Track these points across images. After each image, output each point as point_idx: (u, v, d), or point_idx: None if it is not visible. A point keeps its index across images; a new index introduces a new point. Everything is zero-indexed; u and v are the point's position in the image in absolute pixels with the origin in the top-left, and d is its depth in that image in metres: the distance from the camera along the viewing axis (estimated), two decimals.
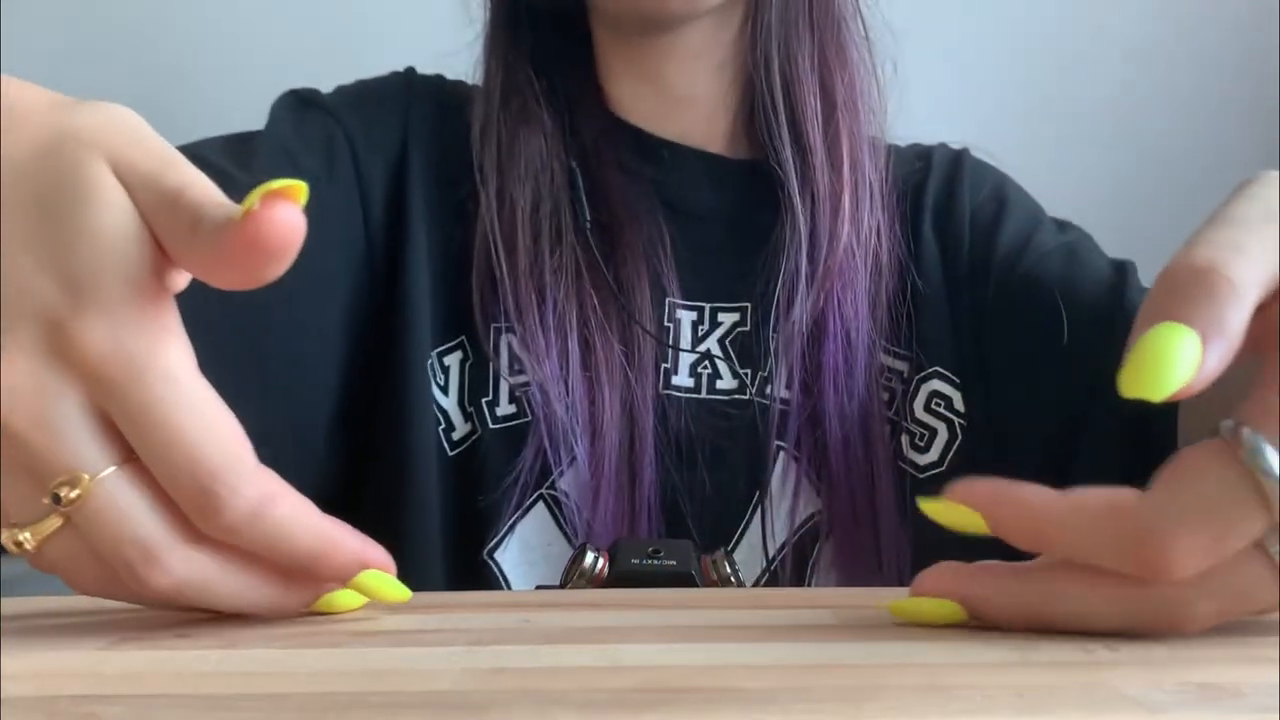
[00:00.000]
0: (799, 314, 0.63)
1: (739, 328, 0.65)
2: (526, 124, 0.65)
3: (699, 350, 0.64)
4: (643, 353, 0.62)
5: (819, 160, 0.65)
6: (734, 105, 0.69)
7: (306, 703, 0.21)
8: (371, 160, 0.65)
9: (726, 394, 0.64)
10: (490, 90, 0.67)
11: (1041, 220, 0.69)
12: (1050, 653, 0.25)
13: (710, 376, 0.64)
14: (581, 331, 0.61)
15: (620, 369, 0.61)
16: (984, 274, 0.66)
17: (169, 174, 0.29)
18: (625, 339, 0.62)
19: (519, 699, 0.21)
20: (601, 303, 0.62)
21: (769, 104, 0.66)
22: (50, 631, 0.30)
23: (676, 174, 0.68)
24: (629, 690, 0.22)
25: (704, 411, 0.63)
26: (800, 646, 0.27)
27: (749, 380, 0.64)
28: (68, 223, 0.28)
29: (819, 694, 0.21)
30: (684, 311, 0.65)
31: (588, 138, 0.67)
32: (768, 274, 0.65)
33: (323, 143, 0.63)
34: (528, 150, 0.65)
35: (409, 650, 0.26)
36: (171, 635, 0.29)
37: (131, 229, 0.29)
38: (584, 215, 0.64)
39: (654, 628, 0.29)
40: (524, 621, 0.31)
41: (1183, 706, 0.20)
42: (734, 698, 0.21)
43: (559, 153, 0.65)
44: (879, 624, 0.30)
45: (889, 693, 0.22)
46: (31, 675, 0.24)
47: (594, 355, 0.61)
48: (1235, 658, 0.25)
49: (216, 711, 0.21)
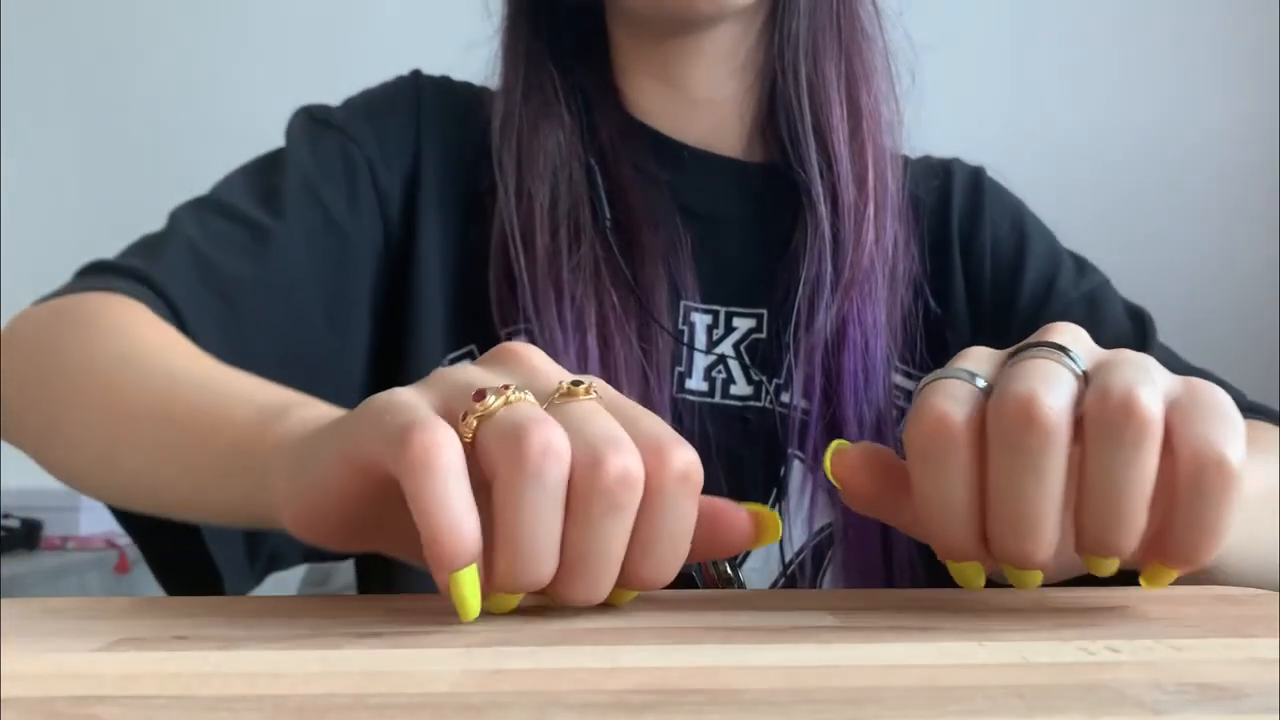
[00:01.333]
0: (821, 321, 0.63)
1: (754, 333, 0.65)
2: (546, 120, 0.65)
3: (716, 352, 0.64)
4: (660, 354, 0.62)
5: (844, 169, 0.64)
6: (753, 108, 0.68)
7: (305, 704, 0.21)
8: (389, 176, 0.65)
9: (740, 399, 0.64)
10: (510, 86, 0.66)
11: (1061, 260, 0.69)
12: (1051, 653, 0.25)
13: (725, 381, 0.64)
14: (600, 330, 0.61)
15: (639, 368, 0.61)
16: (1007, 314, 0.66)
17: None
18: (644, 338, 0.62)
19: (518, 700, 0.21)
20: (620, 301, 0.62)
21: (795, 111, 0.66)
22: (50, 632, 0.30)
23: (694, 177, 0.67)
24: (628, 691, 0.22)
25: (718, 416, 0.63)
26: (800, 648, 0.26)
27: (765, 386, 0.64)
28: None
29: (819, 695, 0.21)
30: (699, 315, 0.65)
31: (605, 137, 0.66)
32: (786, 280, 0.64)
33: (342, 168, 0.64)
34: (547, 146, 0.64)
35: (408, 652, 0.26)
36: (171, 636, 0.29)
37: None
38: (604, 214, 0.63)
39: (653, 629, 0.29)
40: (523, 622, 0.31)
41: (1184, 707, 0.20)
42: (734, 699, 0.21)
43: (578, 151, 0.65)
44: (879, 625, 0.30)
45: (890, 694, 0.21)
46: (31, 676, 0.24)
47: (612, 354, 0.61)
48: (1236, 659, 0.25)
49: (216, 712, 0.21)
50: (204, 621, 0.31)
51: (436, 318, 0.64)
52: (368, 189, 0.64)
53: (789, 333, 0.64)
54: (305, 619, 0.32)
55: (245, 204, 0.60)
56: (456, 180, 0.66)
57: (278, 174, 0.62)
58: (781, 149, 0.67)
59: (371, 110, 0.67)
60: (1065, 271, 0.68)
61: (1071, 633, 0.28)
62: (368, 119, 0.66)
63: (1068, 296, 0.66)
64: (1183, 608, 0.33)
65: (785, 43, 0.66)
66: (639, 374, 0.61)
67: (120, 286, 0.52)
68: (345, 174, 0.64)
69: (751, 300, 0.65)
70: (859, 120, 0.66)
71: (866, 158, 0.65)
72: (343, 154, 0.64)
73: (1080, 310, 0.65)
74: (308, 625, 0.30)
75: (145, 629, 0.30)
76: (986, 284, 0.67)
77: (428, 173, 0.66)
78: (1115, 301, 0.67)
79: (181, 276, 0.55)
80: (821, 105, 0.65)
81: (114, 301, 0.51)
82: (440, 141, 0.67)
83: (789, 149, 0.66)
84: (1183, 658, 0.25)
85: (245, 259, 0.58)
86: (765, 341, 0.65)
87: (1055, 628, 0.29)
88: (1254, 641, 0.27)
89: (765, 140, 0.69)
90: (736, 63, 0.68)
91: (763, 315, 0.65)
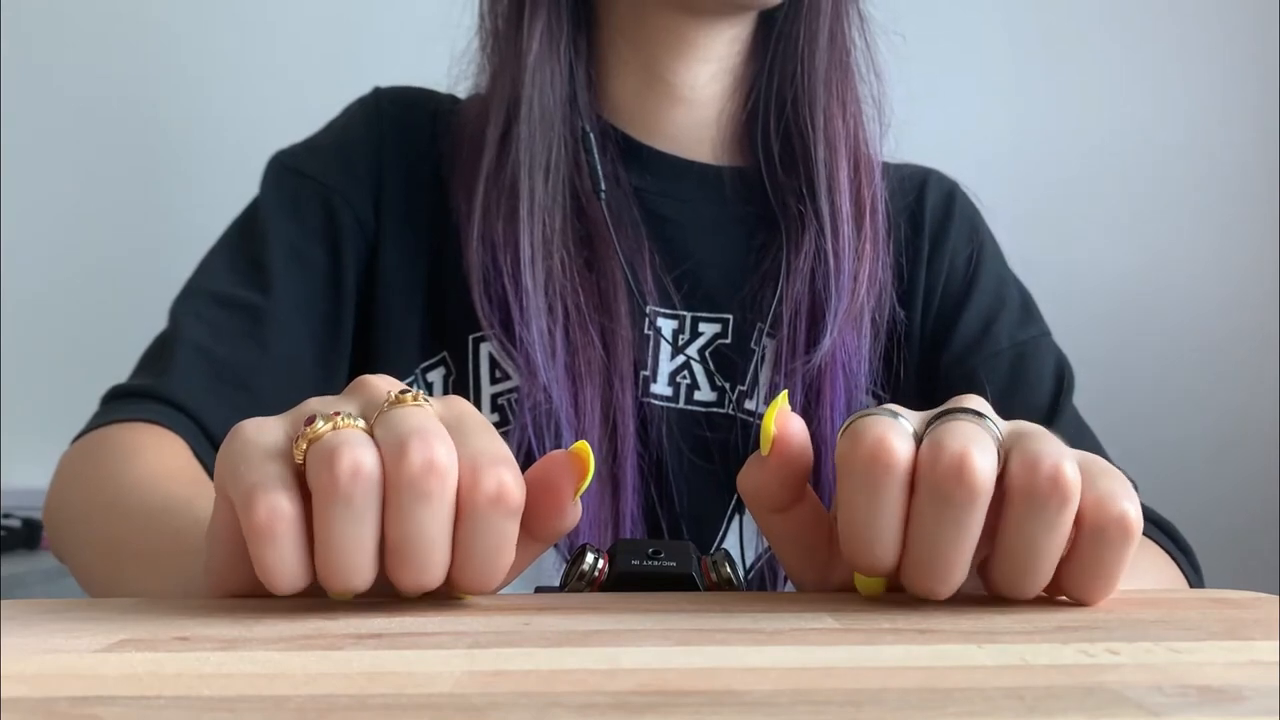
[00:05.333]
0: (802, 334, 0.63)
1: (719, 339, 0.65)
2: (542, 126, 0.64)
3: (685, 354, 0.64)
4: (622, 358, 0.62)
5: (840, 177, 0.64)
6: (732, 112, 0.69)
7: (306, 705, 0.21)
8: (364, 205, 0.66)
9: (704, 405, 0.64)
10: (514, 95, 0.65)
11: (1005, 302, 0.69)
12: (1051, 655, 0.25)
13: (689, 386, 0.64)
14: (566, 334, 0.62)
15: (602, 372, 0.62)
16: (940, 347, 0.67)
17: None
18: (607, 342, 0.62)
19: (518, 701, 0.21)
20: (586, 304, 0.62)
21: (789, 119, 0.66)
22: (50, 632, 0.30)
23: (662, 181, 0.67)
24: (628, 693, 0.22)
25: (682, 420, 0.63)
26: (801, 649, 0.27)
27: (728, 393, 0.64)
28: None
29: (819, 696, 0.21)
30: (664, 320, 0.65)
31: (579, 140, 0.66)
32: (755, 285, 0.65)
33: (323, 222, 0.65)
34: (540, 153, 0.64)
35: (408, 653, 0.26)
36: (171, 636, 0.29)
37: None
38: (570, 219, 0.64)
39: (653, 630, 0.29)
40: (524, 624, 0.31)
41: (1183, 709, 0.20)
42: (734, 700, 0.21)
43: (564, 156, 0.65)
44: (879, 627, 0.30)
45: (890, 695, 0.22)
46: (31, 676, 0.24)
47: (577, 358, 0.61)
48: (1236, 661, 0.25)
49: (216, 713, 0.21)
50: (204, 621, 0.31)
51: (408, 329, 0.64)
52: (352, 230, 0.65)
53: (754, 338, 0.64)
54: (307, 620, 0.32)
55: (235, 286, 0.63)
56: (419, 193, 0.67)
57: (260, 245, 0.64)
58: (756, 156, 0.67)
59: (339, 149, 0.68)
60: (1006, 315, 0.68)
61: (1071, 635, 0.28)
62: (337, 158, 0.67)
63: (998, 343, 0.67)
64: (1182, 610, 0.33)
65: (786, 55, 0.66)
66: (602, 378, 0.62)
67: (138, 413, 0.57)
68: (326, 227, 0.65)
69: (717, 305, 0.65)
70: (852, 127, 0.66)
71: (861, 165, 0.66)
72: (324, 205, 0.65)
73: (1006, 360, 0.66)
74: (309, 626, 0.31)
75: (145, 629, 0.30)
76: (934, 306, 0.68)
77: (392, 189, 0.66)
78: (1044, 358, 0.67)
79: (195, 382, 0.59)
80: (816, 115, 0.65)
81: (128, 434, 0.55)
82: (403, 157, 0.68)
83: (772, 155, 0.66)
84: (1182, 660, 0.25)
85: (250, 344, 0.61)
86: (730, 346, 0.65)
87: (1055, 630, 0.29)
88: (1253, 644, 0.27)
89: (740, 146, 0.69)
90: (722, 65, 0.68)
91: (728, 320, 0.65)
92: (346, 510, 0.30)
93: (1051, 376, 0.66)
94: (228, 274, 0.64)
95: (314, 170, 0.67)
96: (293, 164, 0.68)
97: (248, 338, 0.61)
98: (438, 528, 0.31)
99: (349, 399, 0.35)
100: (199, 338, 0.60)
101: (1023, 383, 0.65)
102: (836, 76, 0.66)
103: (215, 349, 0.60)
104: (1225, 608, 0.34)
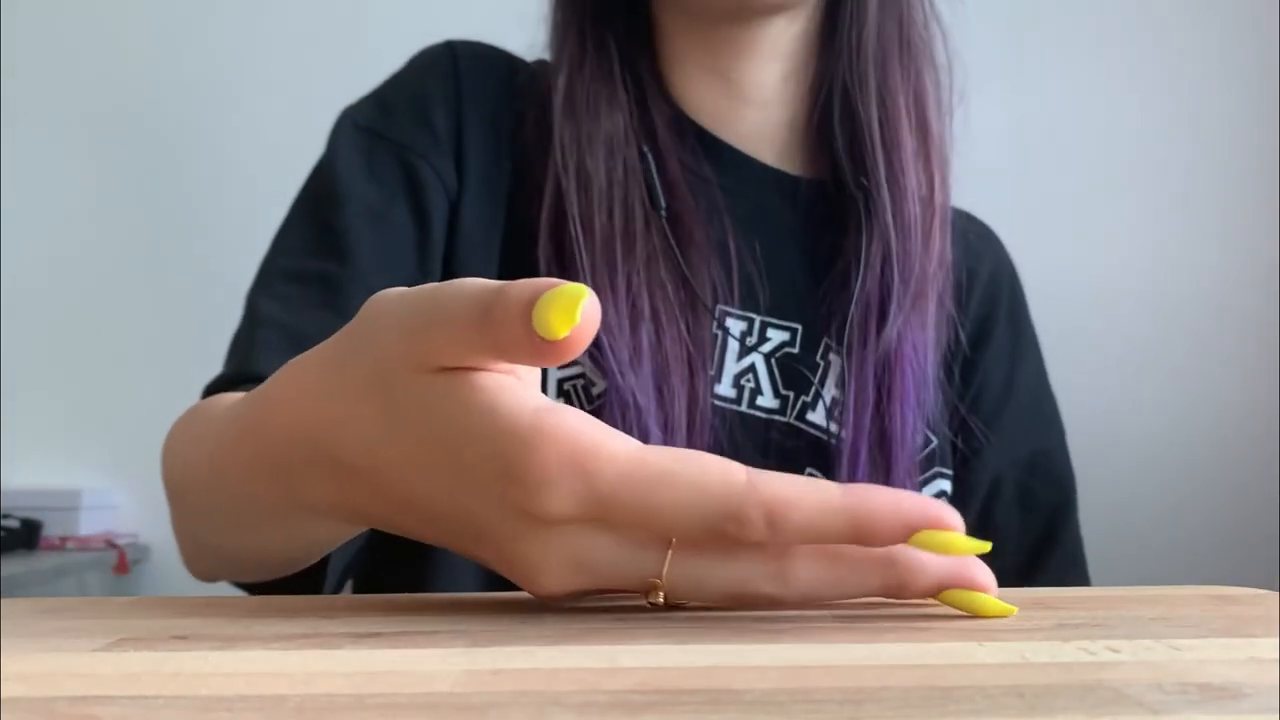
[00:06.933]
0: (873, 341, 0.62)
1: (786, 347, 0.64)
2: (607, 102, 0.63)
3: (753, 356, 0.63)
4: (703, 349, 0.60)
5: (911, 184, 0.63)
6: (804, 118, 0.67)
7: (305, 704, 0.21)
8: (445, 163, 0.63)
9: (765, 411, 0.63)
10: (575, 64, 0.64)
11: (1040, 399, 0.73)
12: (1051, 653, 0.25)
13: (753, 390, 0.63)
14: (654, 320, 0.59)
15: (687, 363, 0.60)
16: (965, 381, 0.69)
17: (470, 329, 0.30)
18: (692, 334, 0.60)
19: (517, 700, 0.21)
20: (674, 294, 0.60)
21: (861, 124, 0.64)
22: (50, 631, 0.30)
23: (739, 181, 0.66)
24: (628, 691, 0.22)
25: (743, 425, 0.62)
26: (800, 647, 0.26)
27: (791, 401, 0.63)
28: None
29: (819, 695, 0.21)
30: (734, 320, 0.63)
31: (657, 127, 0.65)
32: (829, 299, 0.63)
33: (403, 181, 0.62)
34: (607, 128, 0.62)
35: (407, 651, 0.26)
36: (170, 636, 0.29)
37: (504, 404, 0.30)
38: (660, 204, 0.62)
39: (653, 629, 0.29)
40: (522, 622, 0.31)
41: (1184, 707, 0.20)
42: (733, 699, 0.21)
43: (634, 137, 0.63)
44: (879, 625, 0.30)
45: (890, 693, 0.21)
46: (30, 676, 0.24)
47: (664, 345, 0.59)
48: (1236, 658, 0.25)
49: (215, 712, 0.21)
50: (204, 621, 0.31)
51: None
52: (435, 188, 0.62)
53: (820, 351, 0.63)
54: (305, 618, 0.32)
55: (308, 258, 0.60)
56: (500, 153, 0.64)
57: (333, 210, 0.61)
58: (831, 164, 0.65)
59: (413, 104, 0.65)
60: (1040, 412, 0.72)
61: (1072, 632, 0.28)
62: (412, 115, 0.64)
63: (1019, 436, 0.70)
64: (1182, 608, 0.33)
65: (852, 52, 0.64)
66: (686, 369, 0.59)
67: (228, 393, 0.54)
68: (407, 187, 0.62)
69: (786, 313, 0.64)
70: (925, 135, 0.65)
71: (933, 174, 0.64)
72: (403, 166, 0.62)
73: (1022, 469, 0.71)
74: (308, 625, 0.30)
75: (145, 629, 0.30)
76: (965, 340, 0.69)
77: (472, 147, 0.64)
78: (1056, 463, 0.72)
79: (279, 359, 0.57)
80: (890, 118, 0.64)
81: (214, 405, 0.53)
82: (483, 113, 0.65)
83: (845, 163, 0.64)
84: (1183, 657, 0.25)
85: (328, 313, 0.57)
86: (796, 357, 0.64)
87: (1055, 627, 0.29)
88: (1254, 641, 0.27)
89: (811, 154, 0.67)
90: (790, 65, 0.66)
91: (797, 330, 0.64)
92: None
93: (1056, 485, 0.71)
94: (299, 246, 0.61)
95: (391, 130, 0.64)
96: (365, 122, 0.65)
97: (325, 308, 0.58)
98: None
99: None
100: (275, 314, 0.58)
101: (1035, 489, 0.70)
102: (913, 79, 0.65)
103: (294, 323, 0.57)
104: (1226, 604, 0.34)
